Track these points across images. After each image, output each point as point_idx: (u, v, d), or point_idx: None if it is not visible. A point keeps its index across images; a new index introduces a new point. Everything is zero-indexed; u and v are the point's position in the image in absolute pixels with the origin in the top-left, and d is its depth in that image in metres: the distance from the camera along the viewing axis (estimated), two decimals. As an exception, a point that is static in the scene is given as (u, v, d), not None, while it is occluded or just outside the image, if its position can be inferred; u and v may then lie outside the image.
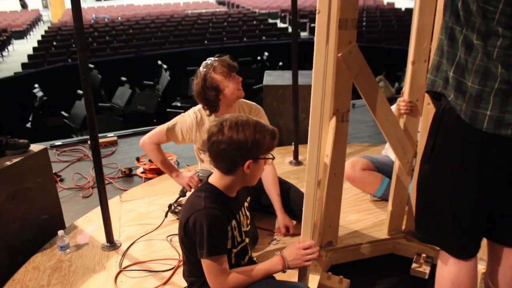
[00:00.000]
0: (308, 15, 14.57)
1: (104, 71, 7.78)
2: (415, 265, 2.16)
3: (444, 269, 1.48)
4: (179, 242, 1.64)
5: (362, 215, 2.57)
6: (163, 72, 7.71)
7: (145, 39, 10.65)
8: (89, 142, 2.73)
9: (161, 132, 2.44)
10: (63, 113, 5.99)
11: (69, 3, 2.66)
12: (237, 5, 21.40)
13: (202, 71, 2.32)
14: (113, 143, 4.19)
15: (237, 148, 1.49)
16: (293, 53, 3.16)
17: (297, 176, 3.16)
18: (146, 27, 12.32)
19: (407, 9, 14.72)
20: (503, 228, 1.41)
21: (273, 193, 2.41)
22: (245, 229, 1.68)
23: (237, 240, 1.62)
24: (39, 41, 11.47)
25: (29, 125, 5.90)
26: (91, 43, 10.19)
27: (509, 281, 1.49)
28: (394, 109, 2.14)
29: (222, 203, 1.56)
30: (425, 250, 2.19)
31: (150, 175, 3.43)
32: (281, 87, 3.65)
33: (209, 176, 1.64)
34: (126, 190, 3.19)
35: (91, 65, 7.52)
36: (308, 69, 2.86)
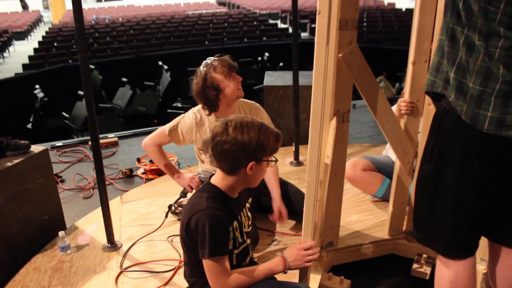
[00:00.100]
0: (308, 15, 14.58)
1: (104, 72, 7.78)
2: (416, 266, 2.15)
3: (443, 268, 1.48)
4: (180, 242, 1.64)
5: (363, 215, 2.57)
6: (163, 72, 7.71)
7: (146, 40, 10.65)
8: (90, 143, 2.74)
9: (162, 133, 2.46)
10: (64, 114, 6.00)
11: (70, 4, 2.67)
12: (237, 6, 21.43)
13: (202, 71, 2.31)
14: (114, 144, 4.19)
15: (241, 149, 1.49)
16: (294, 54, 3.15)
17: (298, 176, 3.16)
18: (146, 28, 12.32)
19: (408, 10, 14.73)
20: (503, 228, 1.41)
21: (273, 182, 2.37)
22: (246, 230, 1.68)
23: (239, 241, 1.62)
24: (40, 42, 11.48)
25: (29, 126, 5.91)
26: (92, 44, 10.19)
27: (510, 282, 1.49)
28: (394, 110, 2.14)
29: (224, 204, 1.55)
30: (426, 250, 2.18)
31: (150, 176, 3.44)
32: (282, 88, 3.65)
33: (211, 177, 1.64)
34: (126, 191, 3.20)
35: (92, 66, 7.52)
36: (308, 70, 2.85)
